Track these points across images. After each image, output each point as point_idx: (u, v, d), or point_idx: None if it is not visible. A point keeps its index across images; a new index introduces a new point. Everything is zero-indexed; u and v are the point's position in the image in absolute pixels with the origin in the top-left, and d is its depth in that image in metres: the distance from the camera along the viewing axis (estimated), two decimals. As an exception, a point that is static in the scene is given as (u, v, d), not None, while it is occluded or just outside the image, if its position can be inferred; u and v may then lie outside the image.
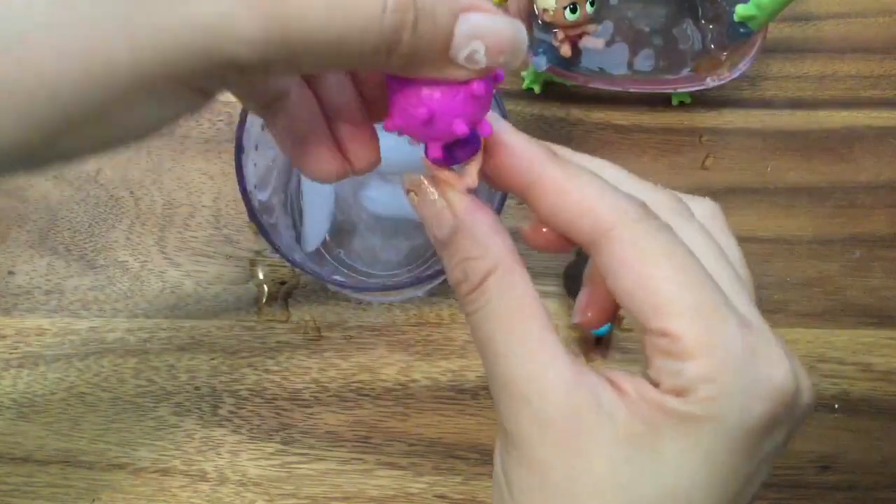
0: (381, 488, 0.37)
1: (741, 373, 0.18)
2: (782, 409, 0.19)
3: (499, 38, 0.18)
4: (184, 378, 0.38)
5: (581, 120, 0.43)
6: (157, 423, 0.38)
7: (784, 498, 0.38)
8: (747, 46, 0.40)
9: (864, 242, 0.42)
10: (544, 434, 0.18)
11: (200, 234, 0.40)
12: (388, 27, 0.17)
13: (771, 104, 0.44)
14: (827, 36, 0.45)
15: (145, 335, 0.39)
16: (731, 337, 0.18)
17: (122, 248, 0.40)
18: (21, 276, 0.40)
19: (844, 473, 0.38)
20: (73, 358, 0.39)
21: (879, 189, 0.42)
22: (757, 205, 0.42)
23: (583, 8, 0.37)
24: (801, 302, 0.40)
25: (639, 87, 0.41)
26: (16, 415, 0.38)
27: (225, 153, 0.42)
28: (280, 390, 0.38)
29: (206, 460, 0.37)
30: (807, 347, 0.40)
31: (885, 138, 0.43)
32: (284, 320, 0.39)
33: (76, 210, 0.41)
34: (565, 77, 0.40)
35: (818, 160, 0.43)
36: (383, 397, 0.38)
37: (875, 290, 0.41)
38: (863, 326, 0.40)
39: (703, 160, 0.43)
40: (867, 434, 0.39)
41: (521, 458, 0.19)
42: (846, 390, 0.39)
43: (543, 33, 0.40)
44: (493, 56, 0.18)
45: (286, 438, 0.38)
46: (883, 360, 0.40)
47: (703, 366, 0.18)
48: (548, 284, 0.40)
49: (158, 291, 0.40)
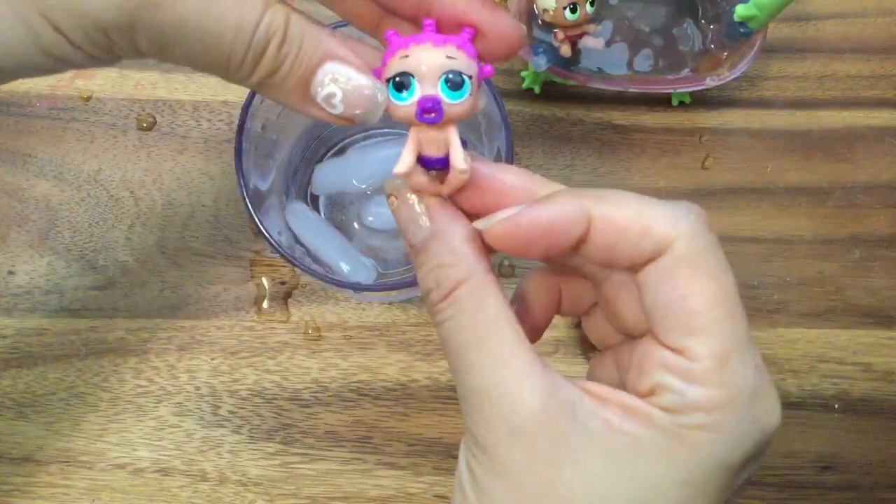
0: (381, 488, 0.37)
1: (740, 416, 0.18)
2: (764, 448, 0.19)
3: (356, 93, 0.19)
4: (184, 378, 0.38)
5: (581, 120, 0.43)
6: (157, 423, 0.38)
7: (784, 498, 0.38)
8: (747, 46, 0.40)
9: (864, 242, 0.42)
10: (516, 442, 0.18)
11: (200, 234, 0.40)
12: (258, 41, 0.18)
13: (771, 104, 0.44)
14: (827, 36, 0.45)
15: (145, 335, 0.39)
16: (745, 379, 0.18)
17: (122, 248, 0.40)
18: (21, 276, 0.40)
19: (844, 473, 0.38)
20: (73, 358, 0.39)
21: (879, 189, 0.42)
22: (757, 205, 0.42)
23: (583, 8, 0.37)
24: (801, 302, 0.40)
25: (638, 87, 0.41)
26: (16, 415, 0.38)
27: (225, 153, 0.42)
28: (280, 390, 0.38)
29: (206, 460, 0.37)
30: (807, 347, 0.40)
31: (885, 138, 0.43)
32: (284, 320, 0.39)
33: (76, 210, 0.41)
34: (565, 77, 0.40)
35: (818, 160, 0.43)
36: (383, 397, 0.38)
37: (875, 290, 0.41)
38: (863, 326, 0.40)
39: (703, 160, 0.43)
40: (867, 434, 0.39)
41: (493, 466, 0.19)
42: (846, 390, 0.39)
43: (543, 33, 0.40)
44: (349, 107, 0.20)
45: (286, 438, 0.38)
46: (883, 360, 0.40)
47: (709, 397, 0.18)
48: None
49: (158, 291, 0.40)
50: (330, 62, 0.19)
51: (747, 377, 0.18)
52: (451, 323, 0.20)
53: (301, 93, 0.20)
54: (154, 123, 0.42)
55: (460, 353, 0.19)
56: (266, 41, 0.19)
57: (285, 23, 0.19)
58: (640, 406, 0.19)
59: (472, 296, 0.19)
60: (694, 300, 0.18)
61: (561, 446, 0.18)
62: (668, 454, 0.18)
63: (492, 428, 0.19)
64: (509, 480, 0.19)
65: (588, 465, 0.18)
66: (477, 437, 0.19)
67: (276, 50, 0.19)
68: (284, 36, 0.19)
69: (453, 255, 0.20)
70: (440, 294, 0.20)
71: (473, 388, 0.19)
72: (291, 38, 0.19)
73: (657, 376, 0.19)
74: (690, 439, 0.18)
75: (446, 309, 0.20)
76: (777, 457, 0.38)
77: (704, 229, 0.19)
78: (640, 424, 0.18)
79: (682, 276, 0.19)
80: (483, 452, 0.19)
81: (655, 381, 0.19)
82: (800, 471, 0.38)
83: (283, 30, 0.19)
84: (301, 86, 0.20)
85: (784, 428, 0.40)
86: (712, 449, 0.18)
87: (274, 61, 0.19)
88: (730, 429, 0.18)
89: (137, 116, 0.42)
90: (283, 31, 0.19)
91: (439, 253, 0.20)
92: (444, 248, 0.20)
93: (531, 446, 0.18)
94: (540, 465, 0.18)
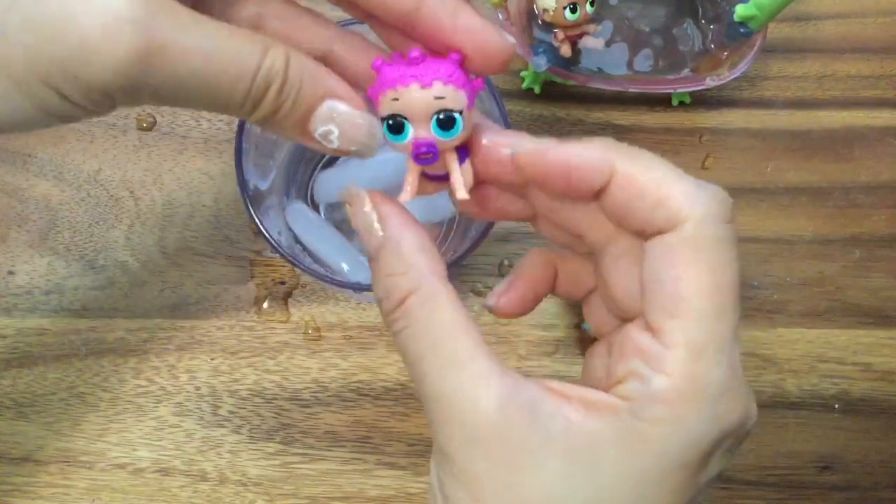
0: (381, 488, 0.37)
1: (703, 414, 0.18)
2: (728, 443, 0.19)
3: (353, 131, 0.20)
4: (184, 378, 0.38)
5: (581, 120, 0.43)
6: (157, 423, 0.38)
7: (784, 498, 0.38)
8: (747, 46, 0.40)
9: (864, 242, 0.42)
10: (475, 448, 0.18)
11: (200, 234, 0.40)
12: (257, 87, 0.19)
13: (771, 104, 0.44)
14: (827, 36, 0.45)
15: (145, 335, 0.39)
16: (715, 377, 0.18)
17: (122, 248, 0.40)
18: (21, 276, 0.40)
19: (844, 473, 0.38)
20: (73, 358, 0.39)
21: (879, 189, 0.42)
22: (757, 205, 0.42)
23: (583, 8, 0.37)
24: (801, 302, 0.40)
25: (638, 87, 0.41)
26: (16, 415, 0.38)
27: (225, 153, 0.42)
28: (280, 390, 0.38)
29: (206, 460, 0.37)
30: (807, 347, 0.40)
31: (885, 138, 0.43)
32: (284, 320, 0.39)
33: (76, 210, 0.41)
34: (565, 77, 0.40)
35: (818, 160, 0.43)
36: (383, 397, 0.38)
37: (875, 290, 0.41)
38: (863, 326, 0.40)
39: (703, 160, 0.43)
40: (867, 434, 0.39)
41: (455, 472, 0.19)
42: (846, 390, 0.39)
43: (543, 33, 0.40)
44: (345, 143, 0.20)
45: (286, 438, 0.38)
46: (883, 360, 0.40)
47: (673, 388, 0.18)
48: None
49: (158, 291, 0.40)
50: (329, 101, 0.20)
51: (718, 375, 0.18)
52: (405, 333, 0.20)
53: (300, 129, 0.20)
54: (154, 123, 0.42)
55: (416, 363, 0.19)
56: (265, 87, 0.19)
57: (285, 66, 0.19)
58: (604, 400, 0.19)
59: (423, 305, 0.19)
60: (685, 285, 0.18)
61: (520, 450, 0.18)
62: (627, 450, 0.18)
63: (452, 435, 0.19)
64: (470, 487, 0.18)
65: (547, 468, 0.18)
66: (440, 444, 0.19)
67: (275, 94, 0.19)
68: (284, 79, 0.19)
69: (402, 263, 0.20)
70: (391, 304, 0.20)
71: (432, 395, 0.19)
72: (291, 81, 0.19)
73: (631, 362, 0.19)
74: (648, 433, 0.18)
75: (399, 319, 0.20)
76: (777, 457, 0.38)
77: (721, 217, 0.19)
78: (602, 420, 0.18)
79: (683, 258, 0.18)
80: (446, 459, 0.19)
81: (628, 367, 0.19)
82: (800, 471, 0.38)
83: (283, 73, 0.19)
84: (300, 124, 0.20)
85: (784, 428, 0.40)
86: (668, 445, 0.18)
87: (274, 103, 0.19)
88: (689, 426, 0.18)
89: (137, 116, 0.42)
90: (283, 75, 0.19)
91: (389, 262, 0.20)
92: (393, 257, 0.20)
93: (489, 452, 0.18)
94: (499, 470, 0.18)
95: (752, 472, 0.38)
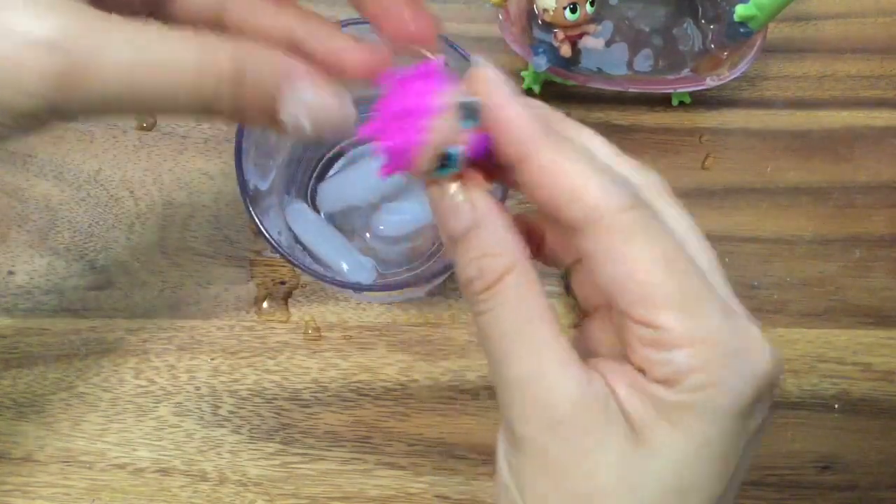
0: (381, 488, 0.37)
1: (728, 361, 0.18)
2: (766, 390, 0.19)
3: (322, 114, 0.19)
4: (184, 378, 0.38)
5: (581, 120, 0.42)
6: (157, 423, 0.38)
7: (784, 498, 0.38)
8: (747, 46, 0.40)
9: (864, 242, 0.42)
10: (555, 434, 0.18)
11: (200, 234, 0.40)
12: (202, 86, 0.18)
13: (771, 104, 0.44)
14: (827, 36, 0.45)
15: (145, 335, 0.39)
16: (716, 326, 0.18)
17: (122, 248, 0.40)
18: (21, 276, 0.40)
19: (844, 473, 0.38)
20: (73, 358, 0.39)
21: (879, 189, 0.42)
22: (757, 205, 0.42)
23: (583, 8, 0.37)
24: (801, 302, 0.40)
25: (638, 87, 0.41)
26: (16, 415, 0.38)
27: (225, 153, 0.42)
28: (280, 390, 0.38)
29: (206, 460, 0.37)
30: (807, 347, 0.40)
31: (885, 138, 0.43)
32: (284, 320, 0.39)
33: (76, 210, 0.41)
34: (565, 77, 0.40)
35: (818, 160, 0.43)
36: (383, 397, 0.38)
37: (875, 290, 0.41)
38: (863, 326, 0.40)
39: (703, 160, 0.43)
40: (867, 434, 0.39)
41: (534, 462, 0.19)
42: (846, 390, 0.39)
43: (543, 33, 0.40)
44: (317, 128, 0.19)
45: (286, 438, 0.38)
46: (883, 360, 0.40)
47: (692, 355, 0.18)
48: (548, 284, 0.40)
49: (158, 291, 0.40)
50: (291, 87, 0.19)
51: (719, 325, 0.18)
52: (492, 313, 0.19)
53: (269, 120, 0.19)
54: (154, 123, 0.42)
55: (501, 344, 0.19)
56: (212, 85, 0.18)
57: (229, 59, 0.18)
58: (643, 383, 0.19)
59: (518, 286, 0.19)
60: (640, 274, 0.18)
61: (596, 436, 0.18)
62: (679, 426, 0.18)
63: (529, 417, 0.19)
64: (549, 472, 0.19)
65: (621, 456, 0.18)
66: (515, 430, 0.19)
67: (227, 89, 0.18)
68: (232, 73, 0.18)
69: (499, 244, 0.19)
70: (484, 284, 0.19)
71: (513, 378, 0.19)
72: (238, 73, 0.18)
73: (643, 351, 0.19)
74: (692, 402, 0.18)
75: (489, 299, 0.19)
76: (777, 457, 0.38)
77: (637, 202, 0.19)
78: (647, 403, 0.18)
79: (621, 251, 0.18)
80: (522, 447, 0.19)
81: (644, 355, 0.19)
82: (800, 471, 0.38)
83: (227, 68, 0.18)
84: (267, 114, 0.19)
85: (784, 428, 0.40)
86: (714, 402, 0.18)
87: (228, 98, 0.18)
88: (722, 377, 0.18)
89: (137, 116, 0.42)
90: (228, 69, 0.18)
91: (484, 242, 0.19)
92: (489, 237, 0.19)
93: (568, 438, 0.18)
94: (578, 456, 0.18)
95: (753, 472, 0.38)
